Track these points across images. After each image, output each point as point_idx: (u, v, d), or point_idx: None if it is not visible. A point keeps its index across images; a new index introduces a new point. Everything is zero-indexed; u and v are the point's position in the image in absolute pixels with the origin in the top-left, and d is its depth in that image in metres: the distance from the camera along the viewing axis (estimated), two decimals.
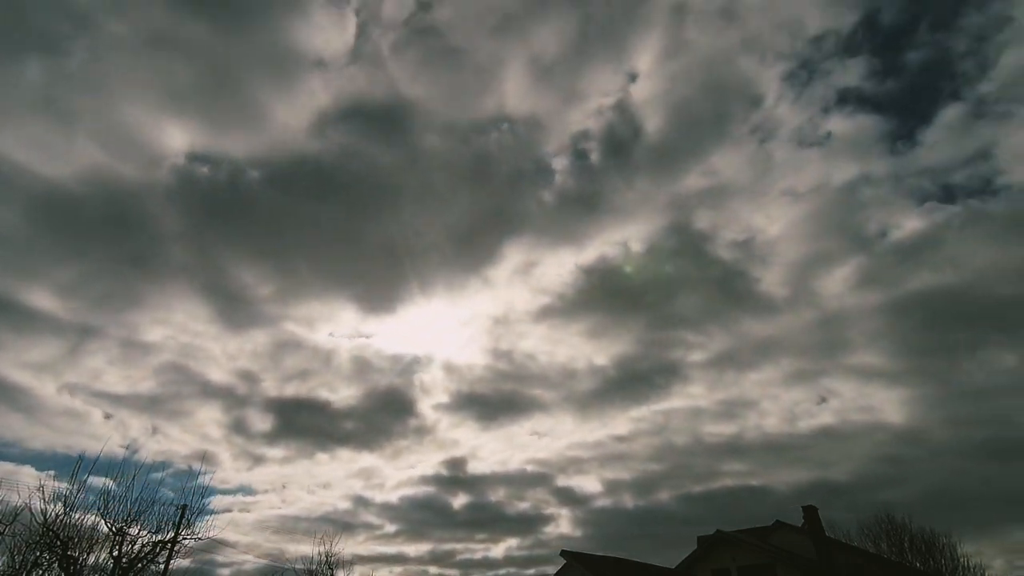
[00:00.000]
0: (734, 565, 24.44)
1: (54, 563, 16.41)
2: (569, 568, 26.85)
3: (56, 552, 16.00)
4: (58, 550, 15.91)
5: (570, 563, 26.82)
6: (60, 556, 15.94)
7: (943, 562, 24.99)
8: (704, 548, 25.94)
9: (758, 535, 27.69)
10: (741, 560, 24.33)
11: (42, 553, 16.42)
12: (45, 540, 15.87)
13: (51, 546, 15.96)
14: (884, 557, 26.02)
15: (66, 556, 15.86)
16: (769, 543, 26.65)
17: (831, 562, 24.19)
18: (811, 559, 24.71)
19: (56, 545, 15.87)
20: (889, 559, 25.85)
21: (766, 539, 27.43)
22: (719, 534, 25.57)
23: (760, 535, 27.80)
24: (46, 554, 16.36)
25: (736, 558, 24.48)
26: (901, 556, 25.82)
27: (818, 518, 25.85)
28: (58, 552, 15.95)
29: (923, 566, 25.15)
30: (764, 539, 27.29)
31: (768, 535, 28.00)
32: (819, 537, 25.22)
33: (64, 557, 15.87)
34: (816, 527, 25.57)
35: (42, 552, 16.40)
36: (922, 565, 25.20)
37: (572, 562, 26.75)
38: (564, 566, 27.13)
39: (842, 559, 24.70)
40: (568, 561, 26.95)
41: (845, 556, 24.98)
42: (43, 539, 15.88)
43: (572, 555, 27.11)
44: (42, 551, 16.36)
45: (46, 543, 15.94)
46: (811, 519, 25.89)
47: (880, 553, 26.41)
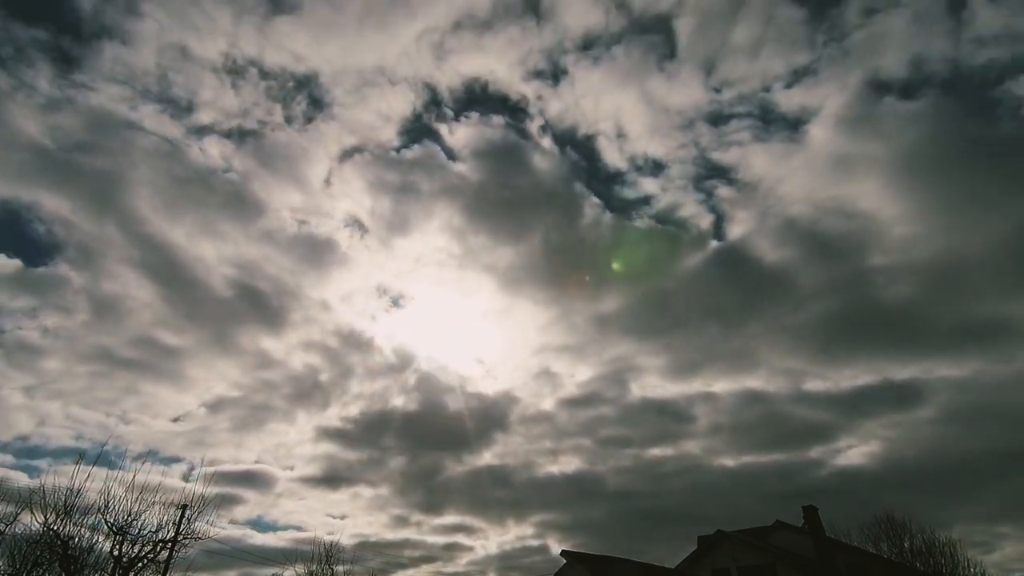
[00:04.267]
0: (734, 565, 24.42)
1: (54, 563, 16.40)
2: (569, 568, 26.83)
3: (56, 552, 15.98)
4: (58, 550, 15.90)
5: (570, 563, 26.81)
6: (60, 556, 15.92)
7: (943, 562, 24.97)
8: (704, 548, 25.93)
9: (758, 535, 27.67)
10: (741, 560, 24.32)
11: (42, 553, 16.41)
12: (45, 540, 15.86)
13: (51, 546, 15.95)
14: (884, 557, 26.00)
15: (66, 556, 15.84)
16: (769, 543, 26.64)
17: (831, 562, 24.19)
18: (811, 559, 24.70)
19: (56, 545, 15.85)
20: (889, 559, 25.84)
21: (766, 539, 27.42)
22: (719, 534, 25.56)
23: (760, 535, 27.79)
24: (46, 554, 16.34)
25: (736, 558, 24.47)
26: (901, 556, 25.81)
27: (818, 518, 25.88)
28: (58, 552, 15.93)
29: (923, 566, 25.13)
30: (764, 539, 27.28)
31: (768, 535, 27.99)
32: (819, 537, 25.23)
33: (64, 557, 15.85)
34: (816, 527, 25.59)
35: (42, 552, 16.38)
36: (922, 565, 25.18)
37: (572, 562, 26.73)
38: (564, 566, 27.10)
39: (842, 559, 24.71)
40: (568, 561, 26.93)
41: (845, 556, 24.99)
42: (43, 539, 15.87)
43: (572, 555, 27.09)
44: (42, 551, 16.34)
45: (46, 543, 15.92)
46: (811, 519, 25.92)
47: (880, 553, 26.40)
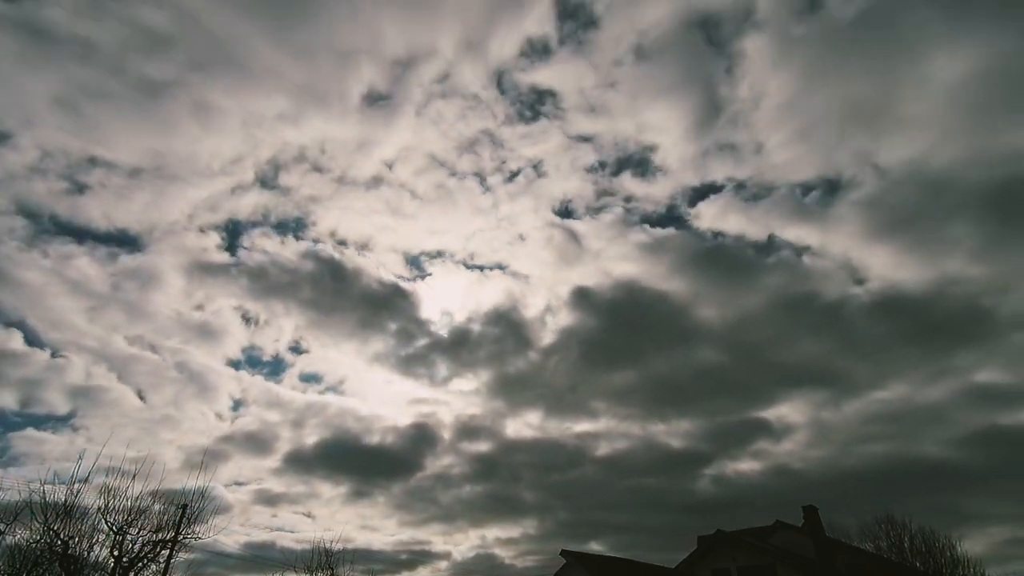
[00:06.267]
0: (734, 565, 24.42)
1: (54, 563, 16.38)
2: (569, 568, 26.84)
3: (56, 552, 15.97)
4: (58, 550, 15.89)
5: (570, 563, 26.82)
6: (60, 556, 15.91)
7: (943, 562, 24.95)
8: (704, 548, 25.91)
9: (758, 535, 27.68)
10: (741, 560, 24.31)
11: (42, 553, 16.40)
12: (45, 540, 15.84)
13: (51, 546, 15.94)
14: (884, 557, 26.00)
15: (66, 556, 15.83)
16: (769, 543, 26.64)
17: (831, 562, 24.20)
18: (811, 559, 24.71)
19: (56, 545, 15.84)
20: (889, 559, 25.84)
21: (766, 539, 27.42)
22: (719, 534, 25.55)
23: (760, 535, 27.79)
24: (46, 554, 16.33)
25: (736, 558, 24.47)
26: (901, 556, 25.79)
27: (818, 518, 25.90)
28: (58, 552, 15.92)
29: (923, 566, 25.11)
30: (764, 539, 27.28)
31: (768, 535, 27.99)
32: (819, 537, 25.24)
33: (64, 557, 15.84)
34: (816, 527, 25.60)
35: (42, 552, 16.37)
36: (922, 565, 25.16)
37: (572, 562, 26.74)
38: (564, 566, 27.11)
39: (842, 559, 24.71)
40: (568, 561, 26.94)
41: (845, 556, 24.99)
42: (43, 539, 15.85)
43: (572, 555, 27.10)
44: (42, 551, 16.33)
45: (46, 543, 15.91)
46: (811, 519, 25.93)
47: (880, 553, 26.40)
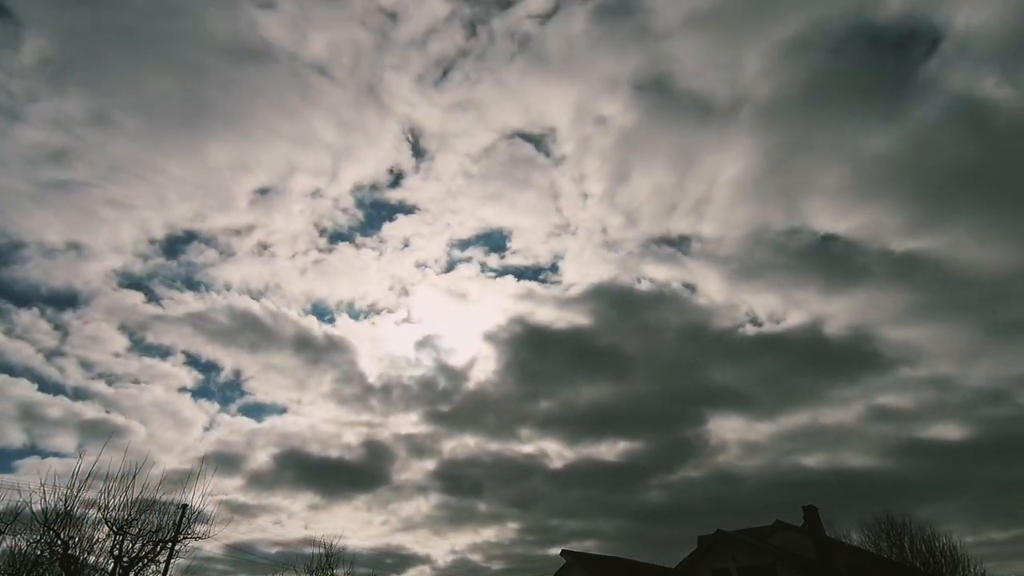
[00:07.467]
0: (734, 565, 24.42)
1: (54, 563, 16.37)
2: (569, 568, 26.83)
3: (56, 552, 15.96)
4: (58, 550, 15.88)
5: (570, 563, 26.80)
6: (60, 556, 15.90)
7: (943, 562, 24.96)
8: (704, 548, 25.91)
9: (758, 535, 27.68)
10: (741, 560, 24.32)
11: (42, 553, 16.39)
12: (45, 540, 15.83)
13: (51, 546, 15.93)
14: (884, 557, 26.01)
15: (66, 556, 15.82)
16: (769, 543, 26.64)
17: (831, 562, 24.20)
18: (811, 559, 24.70)
19: (56, 545, 15.83)
20: (889, 559, 25.85)
21: (766, 539, 27.42)
22: (719, 534, 25.55)
23: (760, 535, 27.79)
24: (46, 554, 16.32)
25: (736, 558, 24.47)
26: (901, 556, 25.80)
27: (818, 518, 25.90)
28: (58, 552, 15.91)
29: (923, 566, 25.12)
30: (764, 539, 27.28)
31: (768, 535, 27.99)
32: (819, 537, 25.24)
33: (64, 557, 15.83)
34: (816, 527, 25.60)
35: (42, 552, 16.36)
36: (922, 565, 25.17)
37: (572, 562, 26.73)
38: (564, 566, 27.09)
39: (842, 559, 24.71)
40: (568, 561, 26.93)
41: (845, 556, 25.00)
42: (43, 539, 15.84)
43: (572, 555, 27.09)
44: (42, 551, 16.32)
45: (46, 543, 15.90)
46: (811, 519, 25.93)
47: (880, 553, 26.41)
